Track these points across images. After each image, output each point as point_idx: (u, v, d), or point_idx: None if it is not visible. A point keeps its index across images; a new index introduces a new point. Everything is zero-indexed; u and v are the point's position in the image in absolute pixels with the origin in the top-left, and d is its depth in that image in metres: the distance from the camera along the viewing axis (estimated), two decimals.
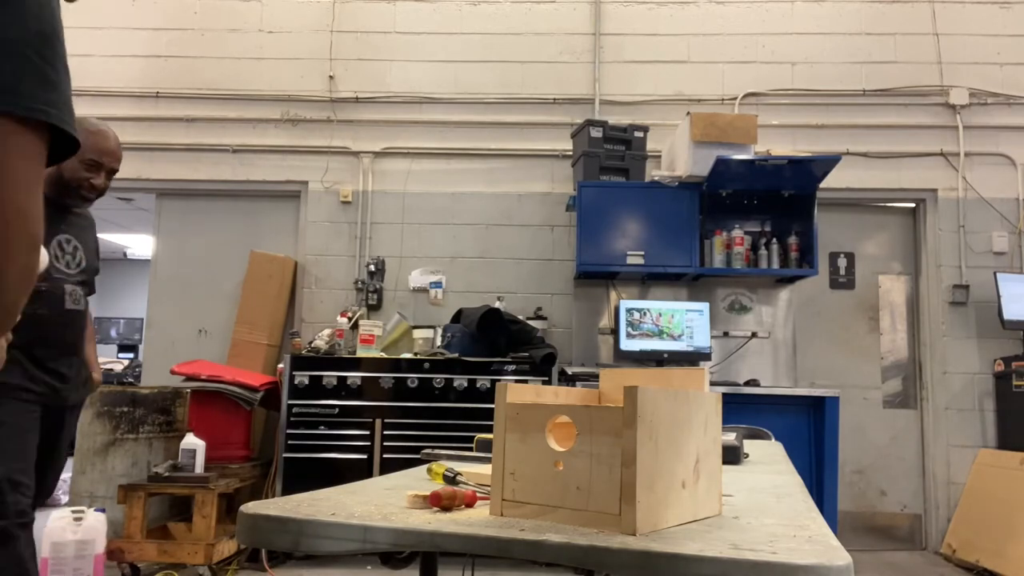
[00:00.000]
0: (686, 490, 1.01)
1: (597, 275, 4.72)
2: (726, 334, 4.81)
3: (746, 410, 3.85)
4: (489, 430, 1.17)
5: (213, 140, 5.06)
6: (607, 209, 4.47)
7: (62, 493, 5.35)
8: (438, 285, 4.94)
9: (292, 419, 4.11)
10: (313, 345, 4.37)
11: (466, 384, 4.13)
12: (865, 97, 4.99)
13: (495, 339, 4.29)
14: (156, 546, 3.65)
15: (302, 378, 4.14)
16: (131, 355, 10.97)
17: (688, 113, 4.41)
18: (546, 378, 4.15)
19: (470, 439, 1.93)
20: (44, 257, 1.28)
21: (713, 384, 3.98)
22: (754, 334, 4.81)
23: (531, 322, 4.51)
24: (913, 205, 5.10)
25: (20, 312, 0.96)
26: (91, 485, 3.90)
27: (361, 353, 4.31)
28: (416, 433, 4.07)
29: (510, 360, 4.20)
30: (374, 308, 4.89)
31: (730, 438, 1.72)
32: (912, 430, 4.94)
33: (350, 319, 4.69)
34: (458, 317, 4.49)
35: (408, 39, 5.13)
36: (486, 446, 1.63)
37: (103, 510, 3.44)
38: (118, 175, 5.42)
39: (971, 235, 4.87)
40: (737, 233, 4.58)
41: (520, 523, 0.96)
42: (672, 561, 0.81)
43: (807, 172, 4.38)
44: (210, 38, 5.16)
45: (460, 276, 4.95)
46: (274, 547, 0.98)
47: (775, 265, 4.57)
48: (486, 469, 1.16)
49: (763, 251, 4.60)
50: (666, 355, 4.46)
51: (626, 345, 4.46)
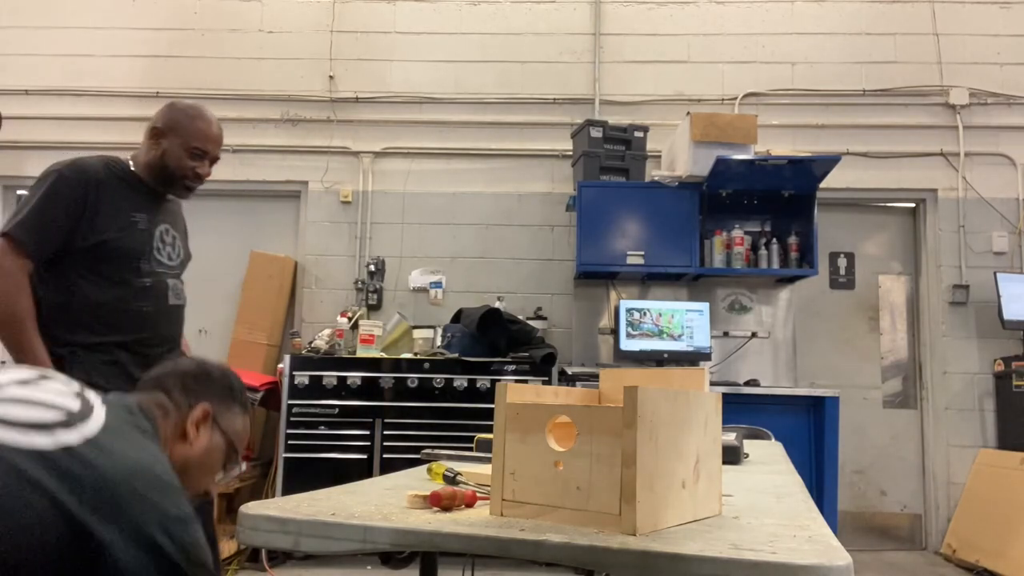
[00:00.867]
0: (686, 490, 1.01)
1: (597, 275, 4.72)
2: (726, 334, 4.80)
3: (746, 410, 3.85)
4: (489, 430, 1.17)
5: None
6: (607, 209, 4.47)
7: None
8: (438, 285, 4.94)
9: (292, 419, 4.11)
10: (313, 345, 4.37)
11: (466, 384, 4.13)
12: (865, 97, 4.99)
13: (495, 339, 4.29)
14: None
15: (302, 378, 4.14)
16: None
17: (688, 113, 4.41)
18: (546, 378, 4.15)
19: (470, 439, 1.93)
20: None
21: (713, 384, 3.98)
22: (754, 334, 4.81)
23: (531, 322, 4.51)
24: (913, 205, 5.10)
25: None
26: None
27: (361, 353, 4.31)
28: (416, 433, 4.07)
29: (510, 360, 4.20)
30: (374, 308, 4.89)
31: (730, 438, 1.72)
32: (912, 430, 4.94)
33: (350, 319, 4.69)
34: (458, 317, 4.48)
35: (408, 39, 5.13)
36: (486, 446, 1.62)
37: None
38: None
39: (971, 235, 4.87)
40: (737, 233, 4.58)
41: (520, 523, 0.96)
42: (672, 561, 0.81)
43: (807, 172, 4.38)
44: (210, 38, 5.16)
45: (460, 276, 4.95)
46: (274, 547, 0.98)
47: (775, 265, 4.57)
48: (486, 469, 1.16)
49: (763, 251, 4.60)
50: (666, 355, 4.46)
51: (626, 345, 4.46)
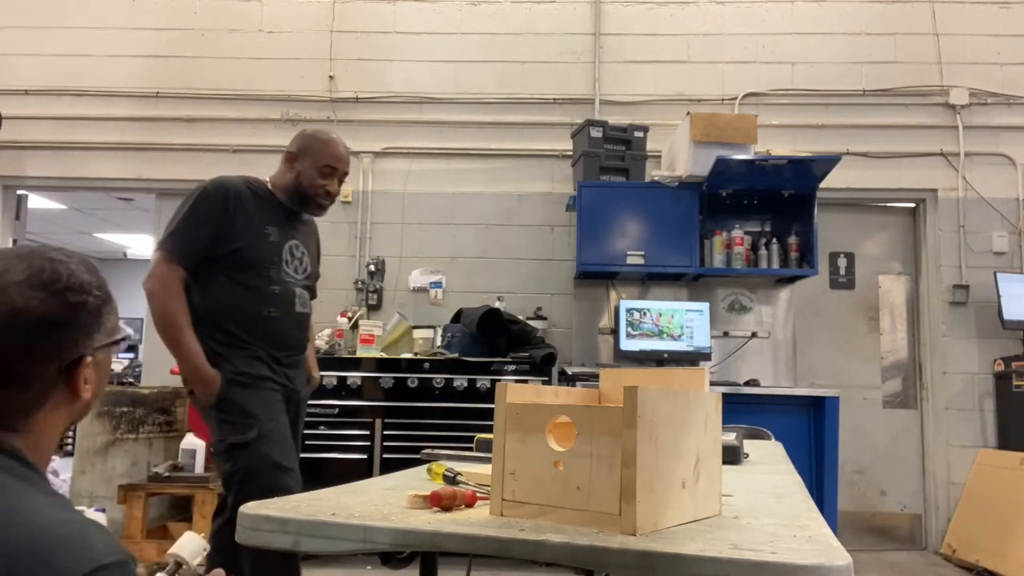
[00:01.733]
0: (686, 490, 1.01)
1: (597, 275, 4.72)
2: (726, 334, 4.80)
3: (746, 410, 3.84)
4: (489, 430, 1.17)
5: (213, 140, 5.05)
6: (607, 209, 4.47)
7: (62, 493, 5.33)
8: (438, 285, 4.94)
9: None
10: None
11: (466, 384, 4.13)
12: (865, 97, 4.99)
13: (495, 339, 4.29)
14: (156, 546, 3.65)
15: None
16: (131, 355, 10.96)
17: (688, 113, 4.40)
18: (546, 378, 4.15)
19: (470, 439, 1.93)
20: None
21: (713, 384, 3.98)
22: (754, 334, 4.81)
23: (531, 322, 4.51)
24: (913, 205, 5.10)
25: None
26: (91, 485, 3.90)
27: (361, 353, 4.31)
28: (416, 433, 4.06)
29: (510, 360, 4.20)
30: (374, 308, 4.89)
31: (730, 438, 1.72)
32: (912, 430, 4.94)
33: (350, 319, 4.69)
34: (458, 317, 4.48)
35: (408, 39, 5.13)
36: (486, 446, 1.62)
37: (103, 510, 3.45)
38: (118, 175, 5.43)
39: (971, 235, 4.87)
40: (737, 233, 4.58)
41: (520, 523, 0.96)
42: (672, 561, 0.81)
43: (807, 172, 4.38)
44: (210, 38, 5.16)
45: (460, 276, 4.95)
46: (274, 547, 0.98)
47: (775, 265, 4.57)
48: (486, 469, 1.15)
49: (763, 251, 4.59)
50: (666, 355, 4.46)
51: (626, 345, 4.45)
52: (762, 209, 4.75)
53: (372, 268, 4.90)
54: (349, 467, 4.01)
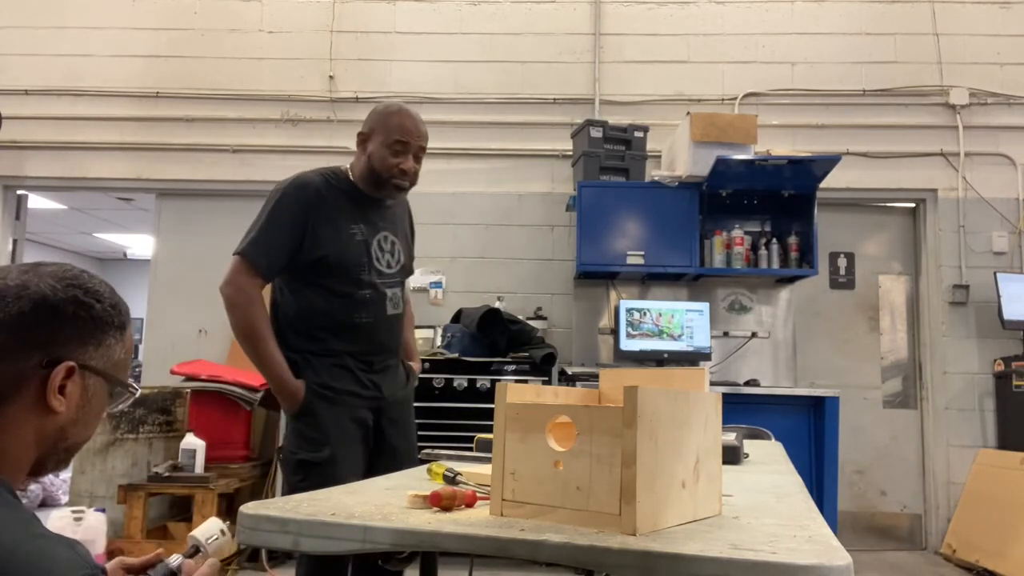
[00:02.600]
0: (686, 490, 1.01)
1: (597, 275, 4.72)
2: (726, 334, 4.80)
3: (746, 410, 3.84)
4: (489, 430, 1.17)
5: (213, 140, 5.05)
6: (607, 209, 4.47)
7: (62, 493, 5.35)
8: (438, 285, 4.94)
9: None
10: None
11: (466, 384, 4.13)
12: (865, 97, 4.99)
13: (495, 339, 4.29)
14: (156, 546, 3.64)
15: None
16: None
17: (688, 113, 4.40)
18: (546, 378, 4.14)
19: (470, 439, 1.93)
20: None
21: (713, 384, 3.98)
22: (754, 334, 4.81)
23: (531, 322, 4.51)
24: (913, 205, 5.10)
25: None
26: (91, 485, 3.90)
27: None
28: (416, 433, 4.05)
29: (510, 360, 4.20)
30: None
31: (730, 438, 1.72)
32: (912, 430, 4.94)
33: None
34: (458, 317, 4.48)
35: (408, 39, 5.13)
36: (486, 446, 1.62)
37: (103, 510, 3.45)
38: (118, 175, 5.43)
39: (971, 235, 4.87)
40: (737, 233, 4.58)
41: (520, 523, 0.96)
42: (672, 561, 0.81)
43: (807, 172, 4.38)
44: (210, 38, 5.16)
45: (460, 276, 4.95)
46: (274, 547, 0.98)
47: (775, 265, 4.57)
48: (486, 469, 1.15)
49: (763, 251, 4.59)
50: (666, 355, 4.46)
51: (626, 345, 4.45)
52: (762, 209, 4.75)
53: None
54: None
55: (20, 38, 5.14)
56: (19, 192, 5.36)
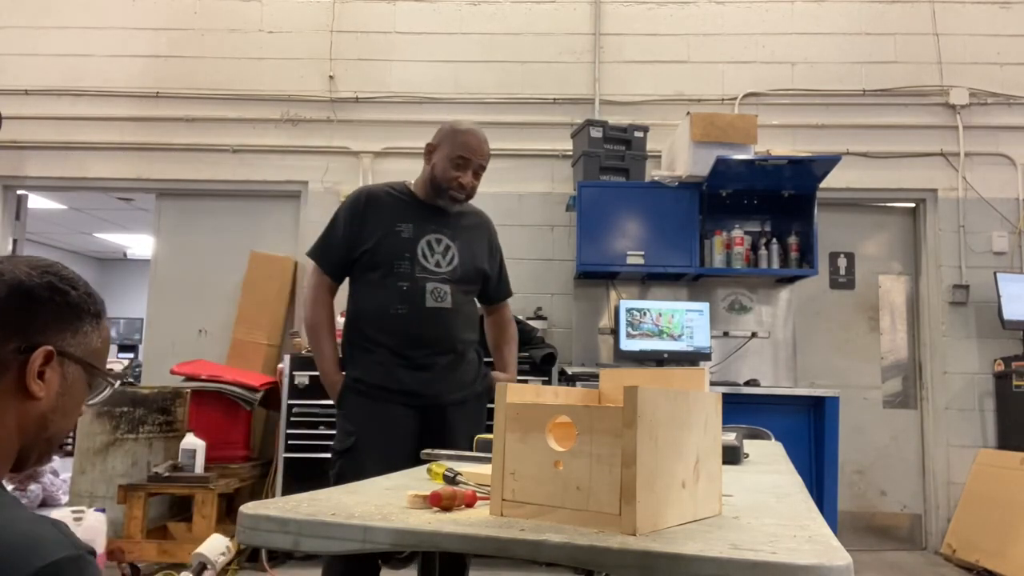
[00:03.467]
0: (686, 490, 1.01)
1: (597, 275, 4.72)
2: (726, 334, 4.80)
3: (746, 410, 3.84)
4: (489, 430, 1.17)
5: (213, 140, 5.05)
6: (607, 209, 4.47)
7: (62, 493, 5.35)
8: None
9: (292, 419, 4.11)
10: None
11: None
12: (865, 97, 4.99)
13: None
14: (156, 546, 3.65)
15: (302, 378, 4.14)
16: (131, 355, 10.97)
17: (688, 113, 4.40)
18: (546, 378, 4.14)
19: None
20: None
21: (713, 384, 3.98)
22: (754, 334, 4.81)
23: (531, 322, 4.51)
24: (913, 205, 5.10)
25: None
26: (91, 485, 3.90)
27: None
28: None
29: None
30: None
31: (730, 438, 1.72)
32: (912, 430, 4.94)
33: None
34: None
35: (408, 39, 5.13)
36: (486, 446, 1.62)
37: (103, 510, 3.44)
38: (118, 175, 5.41)
39: (971, 235, 4.87)
40: (737, 233, 4.58)
41: (520, 523, 0.96)
42: (672, 561, 0.81)
43: (807, 172, 4.38)
44: (210, 38, 5.16)
45: None
46: (274, 547, 0.98)
47: (775, 265, 4.57)
48: (486, 469, 1.15)
49: (763, 251, 4.59)
50: (666, 355, 4.46)
51: (626, 345, 4.45)
52: (762, 209, 4.75)
53: None
54: None
55: (20, 38, 5.14)
56: (19, 192, 5.36)
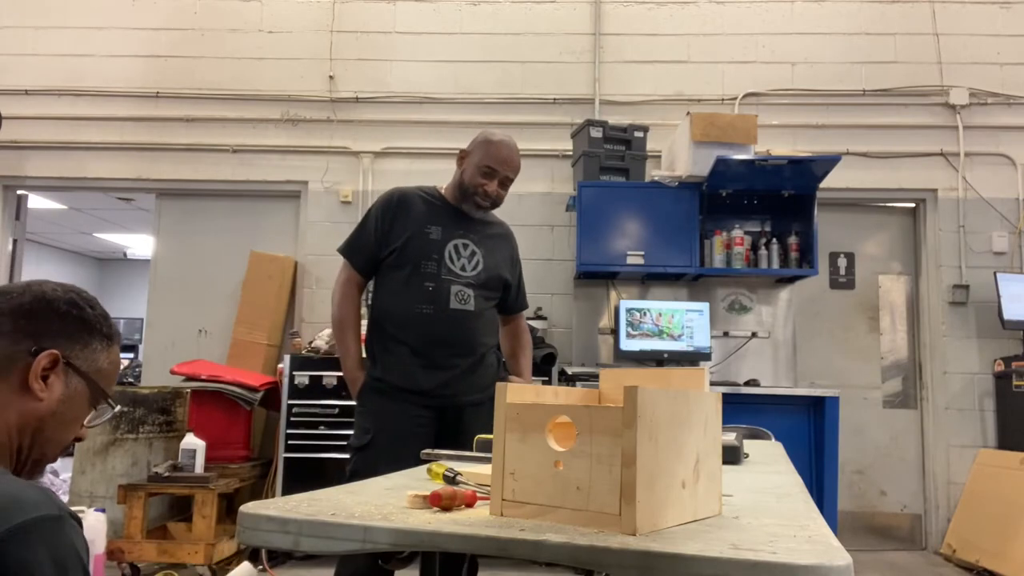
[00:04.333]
0: (686, 490, 1.01)
1: (597, 275, 4.72)
2: (726, 334, 4.80)
3: (746, 410, 3.85)
4: (489, 430, 1.17)
5: (213, 140, 5.05)
6: (607, 209, 4.47)
7: (62, 493, 5.34)
8: None
9: (292, 419, 4.11)
10: (313, 345, 4.37)
11: None
12: (865, 97, 4.99)
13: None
14: (156, 546, 3.65)
15: (302, 378, 4.14)
16: (131, 355, 10.97)
17: (688, 113, 4.40)
18: (546, 378, 4.14)
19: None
20: None
21: (713, 384, 3.98)
22: (754, 334, 4.81)
23: (531, 322, 4.50)
24: (913, 205, 5.10)
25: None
26: (91, 485, 3.90)
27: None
28: None
29: None
30: None
31: (730, 438, 1.72)
32: (912, 430, 4.94)
33: None
34: None
35: (408, 39, 5.13)
36: (486, 446, 1.62)
37: (103, 510, 3.44)
38: (118, 175, 5.41)
39: (971, 235, 4.87)
40: (737, 233, 4.58)
41: (520, 523, 0.96)
42: (672, 561, 0.81)
43: (807, 172, 4.38)
44: (210, 38, 5.16)
45: None
46: (274, 547, 0.98)
47: (775, 265, 4.57)
48: (486, 469, 1.15)
49: (763, 251, 4.59)
50: (666, 355, 4.46)
51: (626, 345, 4.45)
52: (762, 209, 4.75)
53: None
54: None
55: (20, 38, 5.14)
56: (19, 192, 5.36)
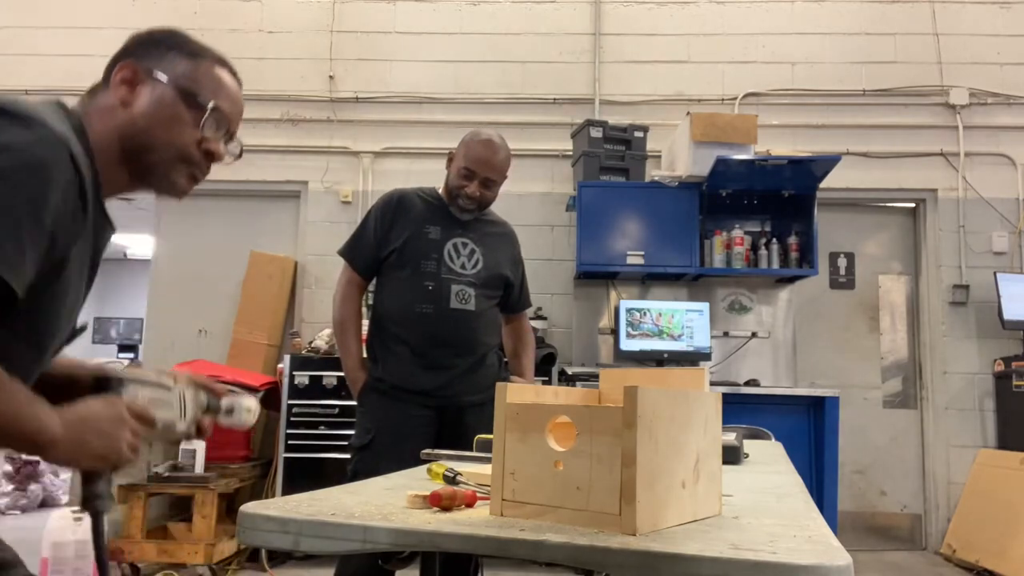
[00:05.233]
0: (686, 490, 1.01)
1: (597, 275, 4.72)
2: (726, 334, 4.80)
3: (746, 410, 3.85)
4: (490, 430, 1.17)
5: None
6: (607, 209, 4.47)
7: (62, 493, 5.33)
8: None
9: (292, 419, 4.11)
10: (313, 345, 4.37)
11: None
12: (865, 97, 4.99)
13: None
14: (156, 546, 3.65)
15: (302, 378, 4.14)
16: (131, 355, 10.97)
17: (688, 113, 4.40)
18: (546, 378, 4.14)
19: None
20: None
21: (713, 384, 3.98)
22: (754, 334, 4.81)
23: (531, 322, 4.50)
24: (913, 205, 5.10)
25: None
26: None
27: None
28: None
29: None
30: None
31: (730, 438, 1.72)
32: (912, 430, 4.94)
33: None
34: None
35: (408, 39, 5.13)
36: (486, 446, 1.62)
37: None
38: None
39: (971, 235, 4.87)
40: (737, 233, 4.58)
41: (520, 523, 0.96)
42: (672, 561, 0.81)
43: (807, 172, 4.38)
44: (210, 38, 5.03)
45: None
46: (274, 547, 0.98)
47: (775, 265, 4.57)
48: (486, 469, 1.15)
49: (763, 251, 4.59)
50: (666, 355, 4.46)
51: (626, 345, 4.45)
52: (762, 209, 4.75)
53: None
54: None
55: (20, 38, 5.14)
56: None
